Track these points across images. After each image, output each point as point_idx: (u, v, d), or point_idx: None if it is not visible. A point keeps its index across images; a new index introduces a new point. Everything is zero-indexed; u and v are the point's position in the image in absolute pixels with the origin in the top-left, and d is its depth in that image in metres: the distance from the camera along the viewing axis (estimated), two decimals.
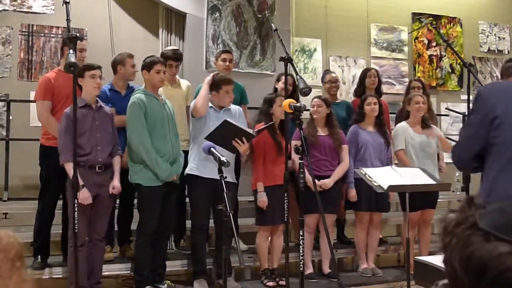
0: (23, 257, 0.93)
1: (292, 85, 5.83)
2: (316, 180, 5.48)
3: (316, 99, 5.82)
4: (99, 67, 4.87)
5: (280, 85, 5.98)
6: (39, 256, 5.13)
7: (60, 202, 5.19)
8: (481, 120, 2.92)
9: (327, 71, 7.11)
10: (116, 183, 4.85)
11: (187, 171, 5.26)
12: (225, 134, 4.85)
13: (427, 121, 5.93)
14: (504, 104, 2.90)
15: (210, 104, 5.24)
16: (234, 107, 5.40)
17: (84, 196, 4.54)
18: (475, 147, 2.96)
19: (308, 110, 5.46)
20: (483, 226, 0.97)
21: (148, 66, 5.03)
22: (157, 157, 4.86)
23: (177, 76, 5.92)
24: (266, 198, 5.35)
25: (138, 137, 4.85)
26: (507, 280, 0.93)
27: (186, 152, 5.36)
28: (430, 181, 4.81)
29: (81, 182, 4.38)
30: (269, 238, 5.62)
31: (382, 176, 4.69)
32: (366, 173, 4.65)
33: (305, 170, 4.17)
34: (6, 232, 0.93)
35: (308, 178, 4.65)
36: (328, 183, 5.61)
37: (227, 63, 5.94)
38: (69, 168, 4.43)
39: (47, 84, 5.06)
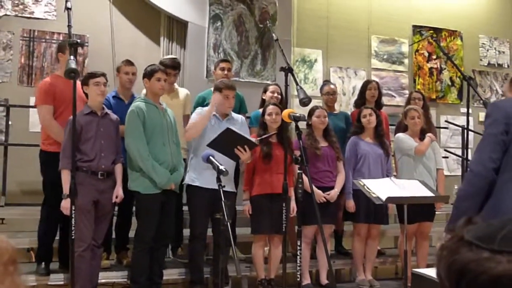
0: (17, 262, 0.93)
1: (280, 94, 5.88)
2: (321, 192, 5.50)
3: (320, 109, 5.82)
4: (103, 74, 4.88)
5: (268, 94, 5.99)
6: (43, 263, 5.10)
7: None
8: (499, 125, 2.72)
9: (326, 82, 7.09)
10: (119, 191, 4.86)
11: (187, 181, 5.26)
12: (227, 142, 4.85)
13: (426, 133, 5.94)
14: None
15: (214, 112, 5.24)
16: (237, 116, 5.40)
17: (66, 206, 4.42)
18: (493, 154, 2.70)
19: (306, 120, 5.46)
20: (468, 238, 1.02)
21: (148, 74, 5.03)
22: (154, 164, 4.85)
23: (175, 85, 5.90)
24: (249, 206, 5.37)
25: (135, 145, 4.85)
26: (482, 282, 0.96)
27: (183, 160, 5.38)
28: (428, 194, 4.82)
29: (66, 191, 4.35)
30: (267, 248, 5.61)
31: (381, 188, 4.69)
32: (364, 184, 4.65)
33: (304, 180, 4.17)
34: None
35: (307, 184, 4.63)
36: (334, 194, 5.62)
37: (226, 72, 5.93)
38: (65, 175, 4.45)
39: (48, 89, 5.04)
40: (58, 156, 4.85)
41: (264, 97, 6.06)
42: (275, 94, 5.91)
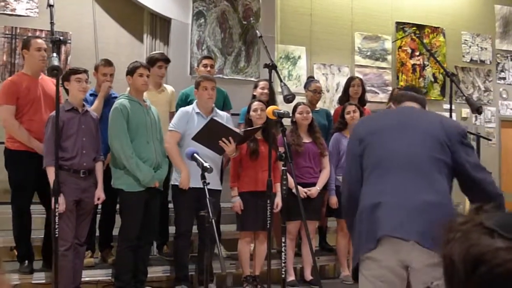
0: (1, 261, 0.93)
1: (269, 91, 5.87)
2: (301, 188, 5.50)
3: (303, 105, 5.83)
4: (85, 71, 4.85)
5: (259, 90, 5.98)
6: (26, 261, 5.05)
7: (41, 207, 5.15)
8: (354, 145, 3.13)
9: (312, 79, 7.07)
10: (100, 193, 4.84)
11: (172, 181, 5.26)
12: (212, 134, 4.85)
13: None
14: (368, 128, 3.15)
15: (197, 110, 5.23)
16: (222, 113, 5.40)
17: (60, 201, 4.40)
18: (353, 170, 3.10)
19: (290, 117, 5.46)
20: (488, 224, 1.01)
21: (131, 71, 5.02)
22: (138, 161, 4.84)
23: (162, 82, 5.89)
24: (240, 202, 5.37)
25: (118, 142, 4.83)
26: (498, 274, 0.96)
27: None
28: None
29: None
30: (252, 245, 5.62)
31: None
32: None
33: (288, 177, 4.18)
34: None
35: (292, 184, 4.66)
36: (314, 192, 5.63)
37: (208, 69, 5.93)
38: (51, 172, 4.40)
39: (11, 88, 4.91)
40: (22, 154, 4.83)
41: (254, 93, 6.05)
42: (265, 90, 5.89)
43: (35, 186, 4.93)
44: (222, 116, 5.33)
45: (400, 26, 9.37)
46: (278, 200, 5.27)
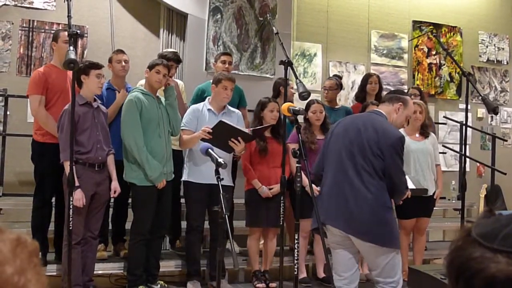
0: (38, 255, 0.93)
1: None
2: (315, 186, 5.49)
3: (316, 104, 5.79)
4: (103, 66, 4.87)
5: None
6: (40, 253, 5.05)
7: (53, 200, 5.18)
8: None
9: (329, 78, 7.04)
10: (117, 186, 4.86)
11: (184, 177, 5.27)
12: (221, 135, 4.86)
13: (427, 128, 5.91)
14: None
15: (209, 107, 5.24)
16: (234, 110, 5.41)
17: (78, 197, 4.47)
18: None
19: (304, 114, 5.46)
20: (473, 234, 1.01)
21: (151, 65, 5.05)
22: (149, 156, 4.85)
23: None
24: (267, 189, 5.37)
25: (131, 135, 4.85)
26: (478, 280, 0.95)
27: (177, 152, 5.43)
28: (411, 186, 4.87)
29: (76, 183, 4.32)
30: (262, 241, 5.62)
31: None
32: None
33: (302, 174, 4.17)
34: (19, 233, 0.93)
35: (305, 182, 4.66)
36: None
37: (227, 65, 5.93)
38: (68, 166, 4.38)
39: (40, 78, 4.97)
40: (49, 147, 4.84)
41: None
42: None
43: (59, 179, 4.96)
44: (234, 115, 5.34)
45: (417, 24, 9.31)
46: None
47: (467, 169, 8.41)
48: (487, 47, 9.86)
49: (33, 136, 5.12)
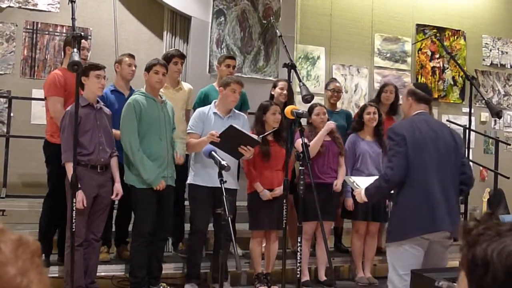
0: (41, 256, 0.93)
1: (288, 91, 5.84)
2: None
3: (319, 107, 5.80)
4: (104, 68, 4.86)
5: (277, 90, 5.97)
6: (43, 255, 5.08)
7: None
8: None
9: (333, 79, 7.05)
10: (120, 188, 4.86)
11: (189, 180, 5.27)
12: (230, 140, 4.86)
13: None
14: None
15: (215, 110, 5.24)
16: (239, 114, 5.42)
17: (79, 199, 4.44)
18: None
19: (307, 117, 5.47)
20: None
21: (148, 67, 5.07)
22: (144, 158, 4.86)
23: (179, 80, 5.91)
24: (269, 192, 5.36)
25: (127, 138, 4.87)
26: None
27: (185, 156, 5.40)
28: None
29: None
30: (264, 244, 5.62)
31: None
32: (354, 181, 4.61)
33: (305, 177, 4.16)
34: (21, 233, 0.94)
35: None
36: (339, 185, 5.66)
37: (231, 69, 5.93)
38: (70, 167, 4.40)
39: (59, 80, 5.01)
40: None
41: (273, 92, 6.04)
42: (284, 91, 5.87)
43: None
44: (240, 118, 5.35)
45: (421, 28, 9.31)
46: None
47: None
48: (490, 50, 9.85)
49: (48, 138, 5.12)
